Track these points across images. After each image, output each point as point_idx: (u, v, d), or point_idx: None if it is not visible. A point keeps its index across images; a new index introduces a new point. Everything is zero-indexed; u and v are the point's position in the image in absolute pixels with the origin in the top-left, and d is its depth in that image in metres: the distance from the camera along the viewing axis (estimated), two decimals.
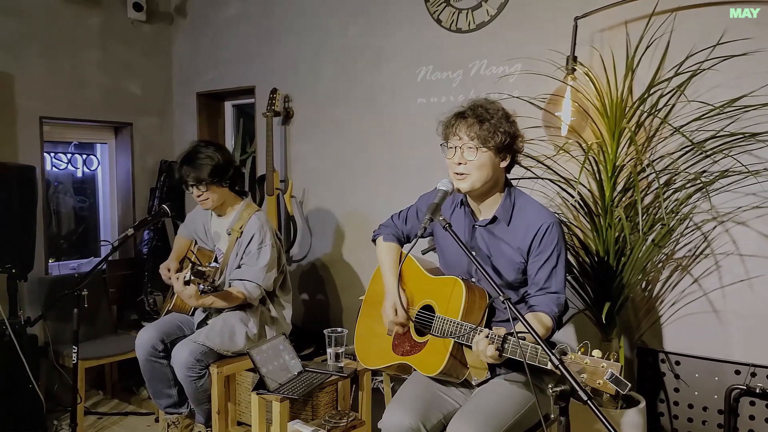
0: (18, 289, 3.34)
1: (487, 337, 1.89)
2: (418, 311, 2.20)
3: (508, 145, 2.05)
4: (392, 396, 2.86)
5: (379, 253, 2.42)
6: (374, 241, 2.49)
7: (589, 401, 1.50)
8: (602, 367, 1.59)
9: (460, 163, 2.04)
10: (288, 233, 3.97)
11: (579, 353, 1.65)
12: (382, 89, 3.68)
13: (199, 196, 2.97)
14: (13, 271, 3.22)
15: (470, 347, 1.98)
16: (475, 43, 3.29)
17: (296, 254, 4.10)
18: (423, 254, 2.87)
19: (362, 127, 3.79)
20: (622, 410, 2.57)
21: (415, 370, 2.19)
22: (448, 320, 2.05)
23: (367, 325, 2.42)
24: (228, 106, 4.78)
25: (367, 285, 3.71)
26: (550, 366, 1.66)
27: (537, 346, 1.78)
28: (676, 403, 2.76)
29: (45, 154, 4.08)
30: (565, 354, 1.65)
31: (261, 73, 4.24)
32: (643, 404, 2.61)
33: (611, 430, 1.48)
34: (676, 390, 2.76)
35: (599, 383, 1.59)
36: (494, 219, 2.12)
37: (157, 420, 3.62)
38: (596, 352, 1.64)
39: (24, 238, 3.29)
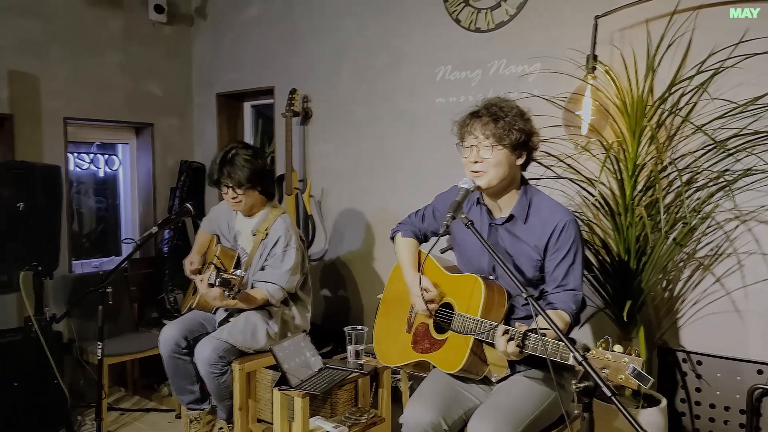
0: (43, 286, 3.40)
1: (506, 333, 1.90)
2: (438, 309, 2.21)
3: (523, 143, 2.06)
4: (410, 394, 2.87)
5: (398, 249, 2.44)
6: (392, 239, 2.51)
7: (613, 397, 1.50)
8: (624, 362, 1.59)
9: (476, 162, 2.06)
10: (306, 232, 4.00)
11: (600, 349, 1.65)
12: (400, 89, 3.70)
13: (233, 198, 2.99)
14: (39, 268, 3.28)
15: (490, 344, 1.99)
16: (495, 43, 3.30)
17: (314, 253, 4.12)
18: (441, 253, 2.88)
19: (381, 126, 3.81)
20: (643, 409, 2.56)
21: (435, 367, 2.21)
22: (467, 317, 2.06)
23: (386, 324, 2.44)
24: (247, 106, 4.82)
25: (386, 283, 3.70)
26: (572, 361, 1.66)
27: (558, 342, 1.79)
28: (697, 403, 2.75)
29: (68, 154, 4.15)
30: (588, 350, 1.66)
31: (280, 74, 4.27)
32: (664, 403, 2.60)
33: (636, 426, 1.48)
34: (698, 390, 2.75)
35: (621, 378, 1.59)
36: (511, 217, 2.13)
37: (177, 417, 3.67)
38: (617, 348, 1.64)
39: (49, 237, 3.35)
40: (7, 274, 3.84)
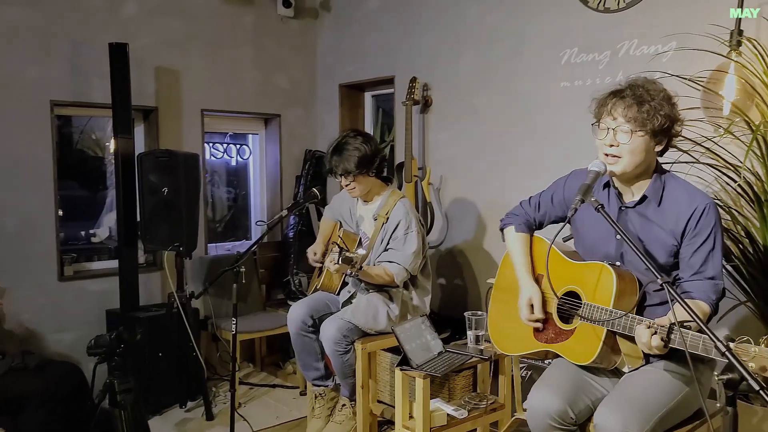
0: (184, 266, 3.68)
1: (649, 327, 1.82)
2: (561, 297, 2.15)
3: (666, 129, 1.95)
4: (522, 383, 2.83)
5: (510, 245, 2.36)
6: (502, 230, 2.45)
7: (761, 391, 1.41)
8: None
9: (611, 145, 1.97)
10: (425, 219, 4.04)
11: (744, 343, 1.55)
12: (522, 75, 3.63)
13: (347, 185, 3.11)
14: (181, 249, 3.55)
15: (625, 336, 1.92)
16: (625, 23, 3.16)
17: (433, 240, 4.15)
18: (564, 241, 2.80)
19: (501, 113, 3.76)
20: None
21: (558, 356, 2.15)
22: (598, 308, 1.98)
23: (501, 311, 2.38)
24: (367, 96, 4.93)
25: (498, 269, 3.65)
26: (716, 354, 1.55)
27: (702, 335, 1.69)
28: None
29: (205, 144, 4.44)
30: (732, 341, 1.56)
31: (400, 63, 4.33)
32: None
33: None
34: None
35: None
36: (643, 199, 2.03)
37: (302, 393, 3.85)
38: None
39: (189, 220, 3.62)
40: (153, 253, 4.21)
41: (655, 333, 1.79)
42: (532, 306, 2.18)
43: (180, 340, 3.57)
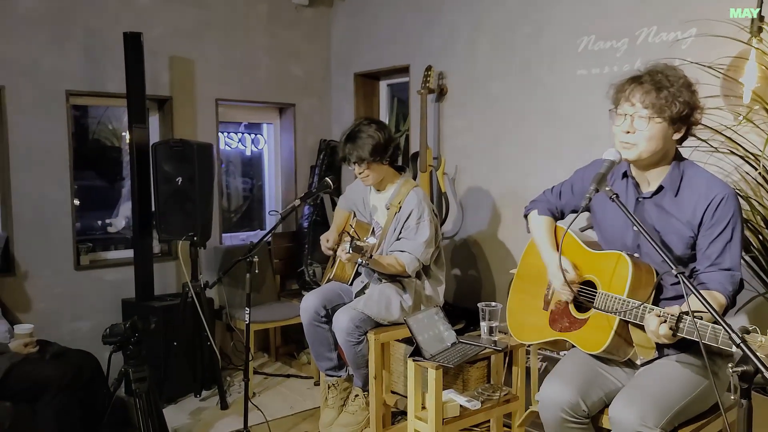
0: (198, 255, 3.69)
1: (659, 315, 1.79)
2: (579, 287, 2.13)
3: (685, 117, 1.91)
4: (539, 374, 2.80)
5: (533, 227, 2.36)
6: (526, 216, 2.43)
7: None
8: None
9: (628, 132, 1.93)
10: (440, 210, 4.01)
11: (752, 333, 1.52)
12: (539, 62, 3.58)
13: (360, 173, 3.10)
14: (195, 238, 3.56)
15: (638, 325, 1.89)
16: (644, 9, 3.09)
17: (448, 231, 4.13)
18: (582, 231, 2.77)
19: (517, 102, 3.71)
20: None
21: (573, 346, 2.13)
22: (612, 296, 1.96)
23: (520, 300, 2.39)
24: (383, 85, 4.90)
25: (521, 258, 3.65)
26: (734, 348, 1.52)
27: (715, 325, 1.66)
28: None
29: (219, 133, 4.44)
30: (748, 332, 1.52)
31: (416, 52, 4.29)
32: None
33: None
34: None
35: None
36: (660, 189, 2.00)
37: (316, 384, 3.86)
38: None
39: (203, 209, 3.62)
40: (167, 243, 4.23)
41: (665, 321, 1.76)
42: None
43: (194, 329, 3.59)
